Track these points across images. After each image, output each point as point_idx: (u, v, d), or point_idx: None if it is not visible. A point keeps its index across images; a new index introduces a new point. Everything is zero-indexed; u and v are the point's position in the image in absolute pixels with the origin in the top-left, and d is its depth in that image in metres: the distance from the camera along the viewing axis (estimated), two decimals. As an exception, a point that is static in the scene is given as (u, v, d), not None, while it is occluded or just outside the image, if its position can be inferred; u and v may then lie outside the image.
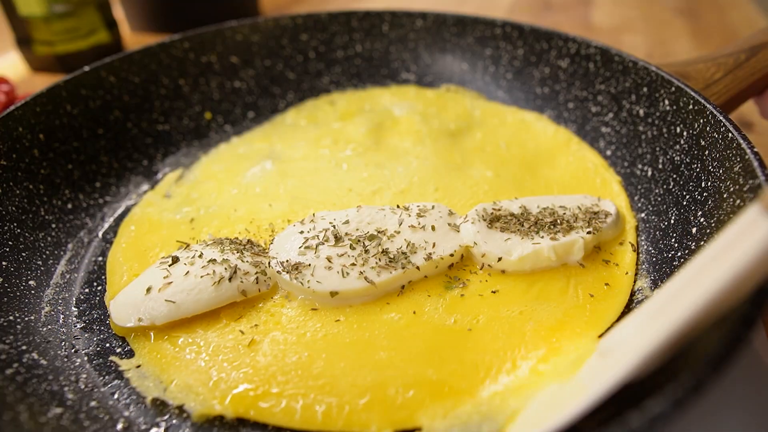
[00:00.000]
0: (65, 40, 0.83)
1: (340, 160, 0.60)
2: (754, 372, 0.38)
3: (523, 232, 0.46)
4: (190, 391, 0.38)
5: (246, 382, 0.38)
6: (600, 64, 0.59)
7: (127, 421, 0.37)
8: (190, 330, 0.42)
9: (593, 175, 0.56)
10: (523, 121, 0.64)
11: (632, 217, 0.50)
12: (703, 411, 0.36)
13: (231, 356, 0.40)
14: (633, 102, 0.55)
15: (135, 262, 0.49)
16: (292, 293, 0.44)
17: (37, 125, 0.55)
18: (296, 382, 0.38)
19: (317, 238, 0.46)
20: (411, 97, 0.71)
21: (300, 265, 0.44)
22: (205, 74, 0.70)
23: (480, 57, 0.70)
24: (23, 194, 0.51)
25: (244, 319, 0.42)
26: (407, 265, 0.43)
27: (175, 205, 0.56)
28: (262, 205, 0.55)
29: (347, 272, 0.43)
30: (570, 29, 0.70)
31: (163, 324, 0.42)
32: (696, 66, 0.55)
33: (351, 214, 0.48)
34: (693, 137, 0.47)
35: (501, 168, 0.58)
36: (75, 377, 0.40)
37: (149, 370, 0.40)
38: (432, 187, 0.55)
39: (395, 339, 0.40)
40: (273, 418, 0.36)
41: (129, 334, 0.43)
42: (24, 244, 0.49)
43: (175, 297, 0.42)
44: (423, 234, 0.46)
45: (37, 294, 0.46)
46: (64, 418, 0.35)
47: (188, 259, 0.45)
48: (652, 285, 0.44)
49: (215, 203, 0.56)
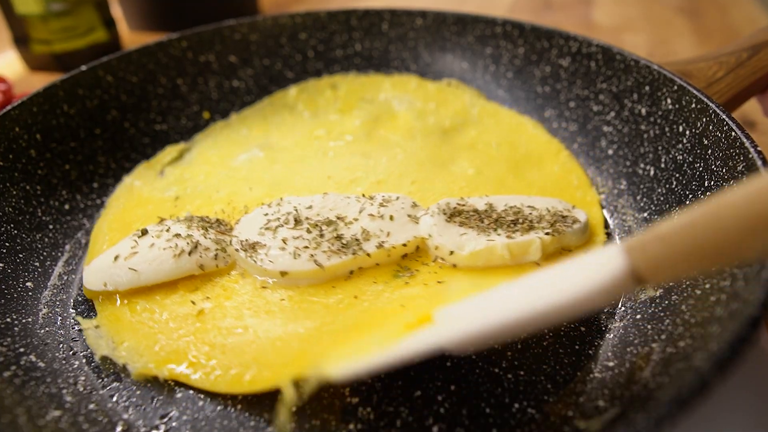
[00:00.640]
0: (63, 39, 0.83)
1: (327, 150, 0.62)
2: (761, 372, 0.38)
3: (481, 228, 0.46)
4: (135, 353, 0.41)
5: (185, 349, 0.40)
6: (601, 63, 0.59)
7: (126, 423, 0.37)
8: (149, 298, 0.45)
9: (574, 189, 0.55)
10: (520, 125, 0.64)
11: (602, 234, 0.49)
12: (709, 411, 0.36)
13: (179, 324, 0.42)
14: (635, 101, 0.55)
15: (117, 233, 0.52)
16: (247, 271, 0.46)
17: (34, 125, 0.55)
18: (229, 351, 0.40)
19: (278, 221, 0.47)
20: (412, 89, 0.71)
21: (257, 244, 0.46)
22: (204, 74, 0.69)
23: (480, 56, 0.70)
24: (20, 195, 0.51)
25: (199, 291, 0.45)
26: (358, 252, 0.44)
27: (166, 184, 0.59)
28: (243, 189, 0.57)
29: (299, 254, 0.44)
30: (571, 28, 0.70)
31: (125, 290, 0.45)
32: (698, 65, 0.55)
33: (316, 200, 0.50)
34: (696, 136, 0.47)
35: (485, 166, 0.58)
36: (73, 380, 0.40)
37: (105, 331, 0.43)
38: (409, 180, 0.57)
39: (329, 318, 0.41)
40: (202, 383, 0.39)
41: (97, 298, 0.46)
42: (21, 246, 0.49)
43: (138, 266, 0.45)
44: (380, 223, 0.47)
45: (35, 296, 0.46)
46: (63, 421, 0.35)
47: (156, 232, 0.47)
48: (655, 285, 0.44)
49: (202, 184, 0.58)
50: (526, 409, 0.37)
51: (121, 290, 0.45)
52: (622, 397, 0.34)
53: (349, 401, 0.38)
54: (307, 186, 0.57)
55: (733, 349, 0.26)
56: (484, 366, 0.39)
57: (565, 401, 0.37)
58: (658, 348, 0.36)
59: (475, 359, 0.40)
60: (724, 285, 0.35)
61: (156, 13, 0.99)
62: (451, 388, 0.38)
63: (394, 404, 0.37)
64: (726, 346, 0.26)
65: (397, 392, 0.38)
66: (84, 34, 0.84)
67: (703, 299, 0.36)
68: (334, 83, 0.72)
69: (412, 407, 0.37)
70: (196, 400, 0.38)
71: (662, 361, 0.34)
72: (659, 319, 0.39)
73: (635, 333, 0.40)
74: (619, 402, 0.34)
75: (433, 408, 0.37)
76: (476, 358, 0.40)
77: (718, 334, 0.31)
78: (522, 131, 0.63)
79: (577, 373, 0.39)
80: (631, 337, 0.40)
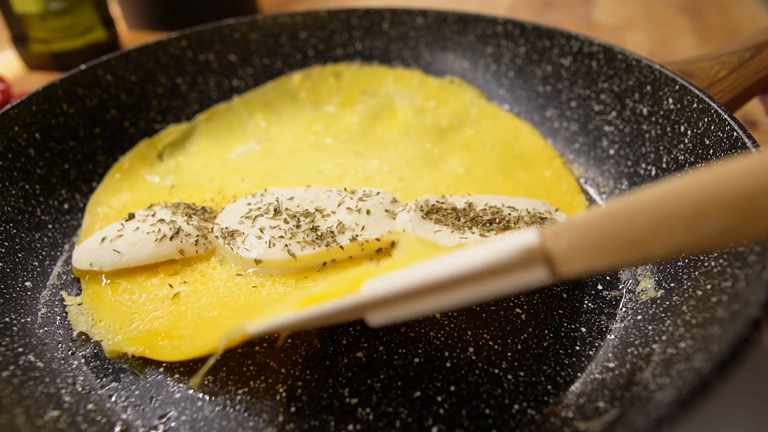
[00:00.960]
0: (61, 38, 0.83)
1: (323, 146, 0.64)
2: (762, 373, 0.38)
3: (457, 226, 0.46)
4: (110, 331, 0.43)
5: (157, 329, 0.42)
6: (603, 63, 0.59)
7: (125, 423, 0.37)
8: (132, 280, 0.47)
9: (563, 193, 0.56)
10: (517, 128, 0.64)
11: None
12: (710, 412, 0.36)
13: (155, 306, 0.44)
14: (636, 100, 0.55)
15: (112, 214, 0.55)
16: (225, 258, 0.48)
17: (33, 124, 0.55)
18: (199, 332, 0.42)
19: (259, 210, 0.49)
20: (414, 85, 0.71)
21: (236, 232, 0.47)
22: (203, 73, 0.69)
23: (481, 55, 0.70)
24: (19, 194, 0.51)
25: (178, 275, 0.47)
26: (331, 244, 0.45)
27: (165, 170, 0.61)
28: (235, 179, 0.59)
29: (274, 243, 0.45)
30: (571, 27, 0.70)
31: (110, 271, 0.47)
32: (700, 64, 0.55)
33: (298, 192, 0.51)
34: (697, 136, 0.47)
35: (475, 166, 0.59)
36: (72, 380, 0.40)
37: (87, 309, 0.45)
38: (397, 177, 0.57)
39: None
40: (161, 354, 0.41)
41: (84, 276, 0.48)
42: (20, 245, 0.49)
43: (122, 248, 0.47)
44: (357, 216, 0.47)
45: (34, 295, 0.46)
46: (61, 421, 0.35)
47: (143, 216, 0.49)
48: (656, 286, 0.44)
49: (197, 173, 0.60)
50: (526, 410, 0.37)
51: (105, 270, 0.47)
52: (622, 398, 0.34)
53: (349, 401, 0.38)
54: (297, 179, 0.58)
55: (733, 350, 0.26)
56: (484, 367, 0.39)
57: (565, 402, 0.37)
58: (659, 349, 0.36)
59: (475, 359, 0.40)
60: (726, 286, 0.35)
61: (155, 13, 0.99)
62: (450, 388, 0.38)
63: (393, 405, 0.37)
64: (726, 348, 0.26)
65: (397, 393, 0.38)
66: (83, 33, 0.84)
67: (705, 300, 0.36)
68: (337, 72, 0.73)
69: (412, 408, 0.37)
70: (195, 401, 0.38)
71: (663, 362, 0.34)
72: (660, 319, 0.39)
73: (636, 334, 0.40)
74: (620, 403, 0.34)
75: (432, 409, 0.37)
76: (476, 358, 0.40)
77: (719, 335, 0.31)
78: (518, 134, 0.64)
79: (578, 374, 0.39)
80: (631, 338, 0.40)
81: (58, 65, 0.85)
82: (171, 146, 0.63)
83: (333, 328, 0.43)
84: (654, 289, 0.44)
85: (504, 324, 0.43)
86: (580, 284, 0.46)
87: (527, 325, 0.43)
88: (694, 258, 0.41)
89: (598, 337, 0.42)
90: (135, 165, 0.60)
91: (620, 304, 0.44)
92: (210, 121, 0.67)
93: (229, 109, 0.68)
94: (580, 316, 0.43)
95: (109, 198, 0.57)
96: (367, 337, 0.42)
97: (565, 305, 0.44)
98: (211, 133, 0.66)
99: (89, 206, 0.55)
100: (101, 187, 0.57)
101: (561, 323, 0.43)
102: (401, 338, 0.42)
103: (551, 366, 0.39)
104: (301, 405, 0.38)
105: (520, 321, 0.43)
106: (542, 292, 0.45)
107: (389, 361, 0.40)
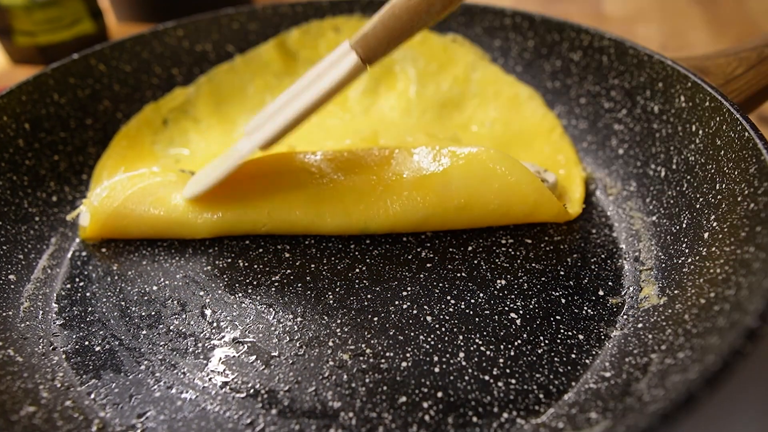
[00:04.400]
0: (47, 31, 0.82)
1: (323, 125, 0.66)
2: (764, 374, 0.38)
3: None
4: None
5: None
6: (614, 58, 0.59)
7: (102, 421, 0.38)
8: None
9: (560, 166, 0.58)
10: (517, 97, 0.66)
11: (580, 208, 0.54)
12: (713, 413, 0.36)
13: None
14: (647, 98, 0.55)
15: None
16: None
17: (23, 114, 0.56)
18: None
19: None
20: (416, 43, 0.72)
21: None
22: (200, 63, 0.70)
23: (489, 48, 0.70)
24: (6, 185, 0.52)
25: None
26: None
27: (168, 139, 0.64)
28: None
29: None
30: (580, 19, 0.69)
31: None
32: (716, 60, 0.54)
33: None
34: (709, 136, 0.46)
35: (471, 144, 0.60)
36: (51, 375, 0.41)
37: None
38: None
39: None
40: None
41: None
42: (5, 237, 0.50)
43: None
44: None
45: (17, 289, 0.47)
46: (36, 417, 0.36)
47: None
48: (659, 293, 0.43)
49: (203, 141, 0.64)
50: (515, 419, 0.36)
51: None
52: (615, 409, 0.34)
53: (331, 405, 0.38)
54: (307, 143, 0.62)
55: (724, 362, 0.26)
56: (474, 373, 0.39)
57: (556, 412, 0.37)
58: (657, 359, 0.36)
59: (465, 365, 0.40)
60: (729, 294, 0.35)
61: (145, 4, 0.97)
62: (438, 395, 0.38)
63: (377, 410, 0.37)
64: (718, 360, 0.26)
65: (382, 398, 0.38)
66: (70, 25, 0.84)
67: (707, 309, 0.36)
68: (336, 26, 0.73)
69: (396, 414, 0.37)
70: (174, 400, 0.39)
71: (660, 373, 0.34)
72: (661, 328, 0.39)
73: (635, 342, 0.40)
74: (612, 414, 0.33)
75: (417, 415, 0.37)
76: (466, 364, 0.40)
77: (717, 346, 0.30)
78: (518, 107, 0.65)
79: (572, 383, 0.39)
80: (630, 347, 0.40)
81: (44, 59, 0.84)
82: (176, 111, 0.66)
83: (318, 325, 0.43)
84: (657, 296, 0.43)
85: (497, 329, 0.43)
86: (581, 290, 0.46)
87: (522, 330, 0.42)
88: (700, 264, 0.41)
89: (595, 345, 0.41)
90: (141, 132, 0.63)
91: (621, 311, 0.44)
92: (212, 83, 0.69)
93: (230, 71, 0.70)
94: (578, 322, 0.43)
95: (116, 164, 0.60)
96: (353, 340, 0.42)
97: (563, 311, 0.44)
98: (214, 98, 0.68)
99: (95, 172, 0.59)
100: (107, 154, 0.61)
101: (558, 329, 0.42)
102: (389, 341, 0.42)
103: (544, 374, 0.39)
104: (282, 408, 0.38)
105: (515, 326, 0.43)
106: (540, 297, 0.45)
107: (376, 364, 0.40)
